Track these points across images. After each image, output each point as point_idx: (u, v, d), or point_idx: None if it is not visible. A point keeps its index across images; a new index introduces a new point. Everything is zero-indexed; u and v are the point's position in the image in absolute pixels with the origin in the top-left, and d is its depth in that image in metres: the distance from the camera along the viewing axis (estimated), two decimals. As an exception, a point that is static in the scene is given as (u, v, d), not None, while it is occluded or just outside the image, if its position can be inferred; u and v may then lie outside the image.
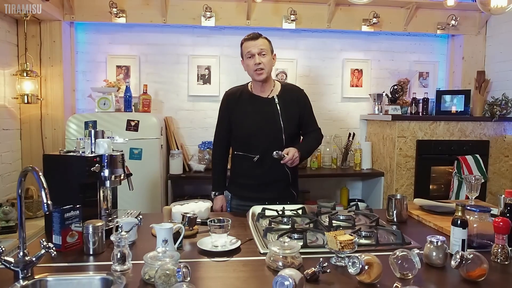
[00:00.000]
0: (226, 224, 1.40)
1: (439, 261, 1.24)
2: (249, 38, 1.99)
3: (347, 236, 1.26)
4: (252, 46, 1.96)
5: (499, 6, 1.63)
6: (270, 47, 2.03)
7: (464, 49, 3.65)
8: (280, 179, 2.02)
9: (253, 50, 1.95)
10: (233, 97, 2.08)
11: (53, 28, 3.18)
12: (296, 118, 2.04)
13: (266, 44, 1.99)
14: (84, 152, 1.59)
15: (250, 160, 1.96)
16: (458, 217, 1.33)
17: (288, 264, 1.20)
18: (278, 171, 1.99)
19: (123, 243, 1.21)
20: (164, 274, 1.05)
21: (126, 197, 2.86)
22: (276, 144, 1.94)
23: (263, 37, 2.01)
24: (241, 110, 2.04)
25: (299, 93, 2.12)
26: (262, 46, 1.96)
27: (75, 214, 1.41)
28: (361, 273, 1.09)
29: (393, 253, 1.18)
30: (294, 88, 2.17)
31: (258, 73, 1.95)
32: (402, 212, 1.79)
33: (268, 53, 1.99)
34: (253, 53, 1.95)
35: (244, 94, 2.07)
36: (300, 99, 2.10)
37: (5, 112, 2.98)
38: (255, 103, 2.02)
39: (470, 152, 3.21)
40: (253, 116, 2.01)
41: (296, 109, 2.05)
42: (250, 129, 2.00)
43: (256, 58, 1.94)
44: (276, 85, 2.08)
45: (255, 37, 1.98)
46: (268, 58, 1.98)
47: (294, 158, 1.89)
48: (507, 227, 1.27)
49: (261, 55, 1.95)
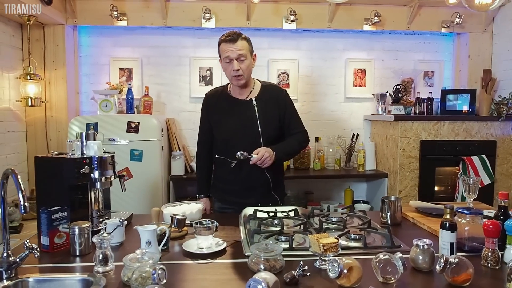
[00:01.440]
0: (211, 226, 1.39)
1: (425, 265, 1.21)
2: (227, 40, 1.83)
3: (330, 239, 1.24)
4: (230, 51, 1.82)
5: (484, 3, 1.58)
6: (250, 48, 1.89)
7: (470, 47, 3.57)
8: (260, 184, 1.93)
9: (231, 55, 1.82)
10: (212, 99, 2.02)
11: (56, 32, 3.23)
12: (275, 120, 1.95)
13: (245, 47, 1.85)
14: (74, 154, 1.60)
15: (229, 165, 1.90)
16: (446, 220, 1.29)
17: (269, 267, 1.19)
18: (258, 177, 1.92)
19: (105, 245, 1.22)
20: (140, 276, 1.05)
21: (127, 198, 2.91)
22: (255, 148, 1.87)
23: (243, 37, 1.85)
24: (219, 113, 1.98)
25: (279, 93, 1.99)
26: (241, 51, 1.82)
27: (63, 215, 1.43)
28: (340, 277, 1.07)
29: (376, 256, 1.16)
30: (274, 88, 2.03)
31: (236, 79, 1.87)
32: (396, 214, 1.75)
33: (248, 56, 1.86)
34: (231, 58, 1.82)
35: (222, 96, 2.00)
36: (280, 100, 1.96)
37: (10, 115, 3.03)
38: (233, 106, 1.95)
39: (476, 152, 3.14)
40: (230, 119, 1.94)
41: (275, 111, 1.94)
42: (227, 133, 1.94)
43: (234, 64, 1.82)
44: (256, 86, 1.98)
45: (233, 39, 1.82)
46: (247, 63, 1.85)
47: (264, 158, 1.79)
48: (497, 231, 1.24)
49: (240, 60, 1.83)
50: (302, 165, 3.58)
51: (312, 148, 3.65)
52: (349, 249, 1.40)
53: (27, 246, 1.18)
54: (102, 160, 1.62)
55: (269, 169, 1.91)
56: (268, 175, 1.94)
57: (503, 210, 1.42)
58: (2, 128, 2.92)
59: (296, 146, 2.00)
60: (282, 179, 2.09)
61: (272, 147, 1.87)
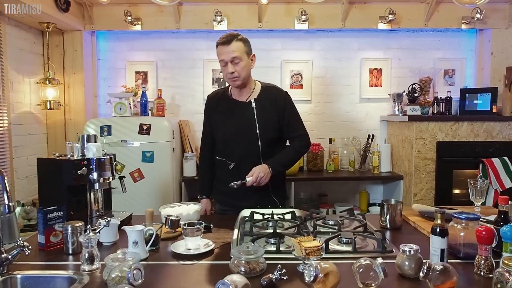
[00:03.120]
0: (198, 227, 1.40)
1: (411, 271, 1.16)
2: (222, 42, 1.82)
3: (313, 243, 1.22)
4: (225, 53, 1.81)
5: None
6: (246, 49, 1.86)
7: (493, 43, 3.41)
8: (258, 188, 1.91)
9: (225, 57, 1.81)
10: (213, 101, 2.03)
11: (74, 37, 3.36)
12: (274, 122, 1.92)
13: (240, 49, 1.82)
14: (73, 156, 1.65)
15: (228, 167, 1.91)
16: (437, 225, 1.24)
17: (249, 270, 1.18)
18: None
19: (92, 244, 1.25)
20: (117, 276, 1.07)
21: (139, 198, 2.99)
22: (253, 150, 1.87)
23: (238, 38, 1.83)
24: (219, 114, 1.99)
25: (279, 95, 1.95)
26: (235, 53, 1.80)
27: (59, 215, 1.48)
28: (316, 281, 1.05)
29: (356, 261, 1.12)
30: (273, 90, 1.99)
31: (232, 81, 1.87)
32: (395, 218, 1.70)
33: (243, 57, 1.84)
34: (225, 61, 1.82)
35: (223, 98, 2.00)
36: (279, 102, 1.93)
37: (31, 118, 3.18)
38: (232, 108, 1.95)
39: (497, 154, 2.99)
40: (229, 121, 1.94)
41: (274, 113, 1.91)
42: (226, 135, 1.95)
43: (229, 67, 1.82)
44: (257, 87, 1.97)
45: (227, 41, 1.80)
46: (243, 65, 1.84)
47: (259, 179, 1.80)
48: (490, 237, 1.17)
49: (234, 62, 1.82)
50: (315, 166, 3.53)
51: (325, 150, 3.60)
52: (338, 253, 1.37)
53: (18, 244, 1.23)
54: (100, 161, 1.67)
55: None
56: None
57: (503, 216, 1.35)
58: (23, 131, 3.07)
59: (294, 155, 1.97)
60: (283, 182, 2.07)
61: (268, 162, 1.86)
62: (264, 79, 3.60)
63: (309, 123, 3.70)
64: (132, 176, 3.00)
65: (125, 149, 2.99)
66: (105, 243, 1.49)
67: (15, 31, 2.96)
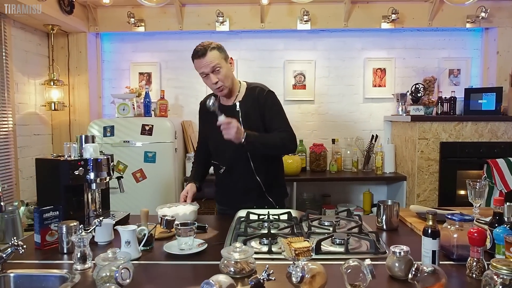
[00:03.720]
0: (191, 228, 1.41)
1: (401, 273, 1.15)
2: (197, 55, 1.80)
3: (303, 243, 1.22)
4: (204, 66, 1.79)
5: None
6: (223, 55, 1.84)
7: (499, 42, 3.36)
8: (251, 188, 1.91)
9: (205, 69, 1.80)
10: (204, 107, 2.04)
11: (79, 39, 3.40)
12: (259, 122, 1.89)
13: (216, 57, 1.80)
14: (70, 156, 1.67)
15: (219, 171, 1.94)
16: (428, 226, 1.22)
17: (238, 270, 1.18)
18: (248, 181, 1.92)
19: (84, 243, 1.27)
20: (105, 275, 1.08)
21: (141, 198, 3.01)
22: (241, 153, 1.87)
23: (212, 47, 1.80)
24: (209, 121, 1.99)
25: (260, 93, 1.91)
26: (213, 63, 1.78)
27: (55, 214, 1.50)
28: (302, 282, 1.05)
29: (345, 262, 1.12)
30: (255, 88, 1.94)
31: (218, 91, 1.86)
32: (392, 219, 1.68)
33: (223, 64, 1.81)
34: (206, 72, 1.80)
35: None
36: (261, 100, 1.89)
37: (36, 119, 3.23)
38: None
39: (502, 155, 2.95)
40: (218, 127, 1.95)
41: (257, 112, 1.89)
42: (216, 140, 1.94)
43: (211, 78, 1.80)
44: (242, 89, 1.96)
45: (202, 53, 1.78)
46: (224, 71, 1.82)
47: (229, 126, 1.67)
48: (482, 239, 1.15)
49: (215, 72, 1.80)
50: (318, 167, 3.52)
51: (328, 150, 3.59)
52: (330, 254, 1.36)
53: (11, 243, 1.25)
54: (97, 162, 1.69)
55: (260, 173, 1.92)
56: (258, 178, 1.94)
57: (498, 217, 1.33)
58: (28, 131, 3.12)
59: (276, 139, 1.85)
60: (278, 182, 2.06)
61: (250, 131, 1.77)
62: (267, 79, 3.65)
63: (312, 123, 3.69)
64: (135, 176, 3.03)
65: (128, 149, 3.02)
66: (100, 243, 1.51)
67: (21, 33, 3.02)
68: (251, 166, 1.93)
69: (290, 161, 3.31)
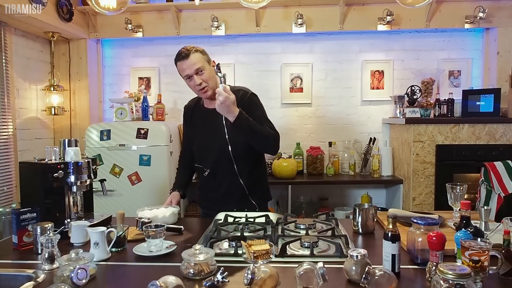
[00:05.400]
0: (160, 230, 1.43)
1: (357, 277, 1.14)
2: (180, 57, 1.83)
3: (263, 246, 1.23)
4: (187, 68, 1.82)
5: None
6: (206, 58, 1.87)
7: (499, 43, 3.29)
8: (234, 191, 1.93)
9: (189, 72, 1.82)
10: (188, 112, 2.08)
11: (79, 46, 3.50)
12: None
13: (200, 59, 1.83)
14: (51, 159, 1.72)
15: (203, 174, 1.94)
16: (389, 229, 1.21)
17: (197, 271, 1.20)
18: (231, 184, 1.93)
19: (53, 244, 1.30)
20: (62, 275, 1.11)
21: (136, 201, 3.06)
22: (225, 156, 1.88)
23: (195, 50, 1.83)
24: (192, 125, 2.04)
25: (243, 95, 1.90)
26: (196, 65, 1.81)
27: (32, 216, 1.55)
28: (252, 284, 1.05)
29: (299, 265, 1.12)
30: (239, 91, 1.91)
31: (202, 92, 1.87)
32: (367, 222, 1.67)
33: (206, 66, 1.84)
34: (189, 74, 1.83)
35: (196, 108, 2.04)
36: (243, 101, 1.87)
37: (38, 123, 3.33)
38: (204, 117, 1.99)
39: (500, 157, 2.87)
40: (202, 130, 1.98)
41: None
42: (199, 143, 1.98)
43: (195, 79, 1.83)
44: None
45: (185, 55, 1.81)
46: (208, 73, 1.84)
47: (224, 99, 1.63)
48: (440, 243, 1.14)
49: (199, 74, 1.82)
50: (315, 170, 3.51)
51: (326, 153, 3.57)
52: (294, 256, 1.36)
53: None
54: (78, 165, 1.73)
55: (243, 175, 1.93)
56: (241, 181, 1.94)
57: (465, 221, 1.31)
58: (30, 135, 3.21)
59: (264, 130, 1.81)
60: (262, 185, 2.06)
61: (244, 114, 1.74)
62: (264, 82, 3.66)
63: (309, 126, 3.69)
64: (130, 179, 3.08)
65: (124, 152, 3.08)
66: (76, 244, 1.55)
67: (22, 40, 3.12)
68: (235, 169, 1.94)
69: (285, 164, 3.31)
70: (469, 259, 1.07)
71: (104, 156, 3.10)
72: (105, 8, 1.45)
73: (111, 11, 1.43)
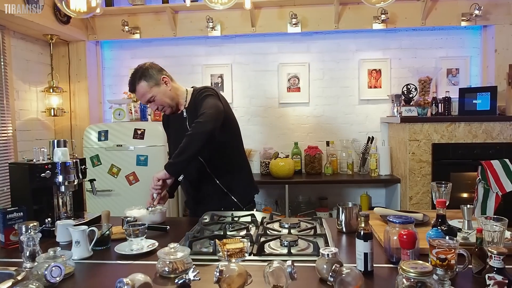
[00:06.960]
0: (141, 228, 1.45)
1: (327, 275, 1.14)
2: (129, 90, 1.92)
3: (237, 244, 1.24)
4: (139, 98, 1.91)
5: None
6: (152, 83, 1.85)
7: (496, 40, 3.25)
8: (213, 191, 1.94)
9: (143, 101, 1.91)
10: (165, 118, 2.12)
11: (79, 48, 3.55)
12: None
13: (145, 89, 1.84)
14: (39, 160, 1.76)
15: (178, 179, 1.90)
16: (361, 228, 1.22)
17: (172, 270, 1.22)
18: (209, 185, 1.95)
19: (35, 242, 1.34)
20: (37, 273, 1.14)
21: (134, 201, 3.08)
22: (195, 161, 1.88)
23: (138, 79, 1.85)
24: (167, 130, 2.11)
25: (198, 93, 1.89)
26: (145, 96, 1.85)
27: (19, 215, 1.58)
28: (220, 282, 1.07)
29: (268, 264, 1.13)
30: (196, 91, 1.93)
31: (163, 113, 1.97)
32: (351, 221, 1.67)
33: (154, 91, 1.85)
34: (144, 103, 1.93)
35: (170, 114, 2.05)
36: (196, 99, 1.87)
37: (38, 124, 3.39)
38: (174, 122, 2.02)
39: (498, 156, 2.82)
40: (173, 135, 2.03)
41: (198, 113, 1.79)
42: (172, 148, 2.03)
43: (151, 106, 1.92)
44: (188, 96, 1.96)
45: (132, 89, 1.88)
46: (159, 97, 1.86)
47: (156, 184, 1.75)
48: (411, 241, 1.14)
49: (151, 102, 1.88)
50: (312, 169, 3.51)
51: (323, 153, 3.57)
52: (272, 255, 1.37)
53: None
54: (66, 165, 1.77)
55: (219, 176, 1.94)
56: (218, 181, 1.95)
57: (441, 220, 1.30)
58: (30, 136, 3.27)
59: (188, 140, 1.70)
60: (241, 181, 2.03)
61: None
62: (261, 82, 3.68)
63: (307, 126, 3.68)
64: (128, 179, 3.12)
65: (121, 153, 3.12)
66: (61, 243, 1.58)
67: (22, 43, 3.18)
68: (208, 171, 1.95)
69: (282, 163, 3.32)
70: (436, 257, 1.07)
71: (102, 156, 3.14)
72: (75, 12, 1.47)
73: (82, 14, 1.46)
